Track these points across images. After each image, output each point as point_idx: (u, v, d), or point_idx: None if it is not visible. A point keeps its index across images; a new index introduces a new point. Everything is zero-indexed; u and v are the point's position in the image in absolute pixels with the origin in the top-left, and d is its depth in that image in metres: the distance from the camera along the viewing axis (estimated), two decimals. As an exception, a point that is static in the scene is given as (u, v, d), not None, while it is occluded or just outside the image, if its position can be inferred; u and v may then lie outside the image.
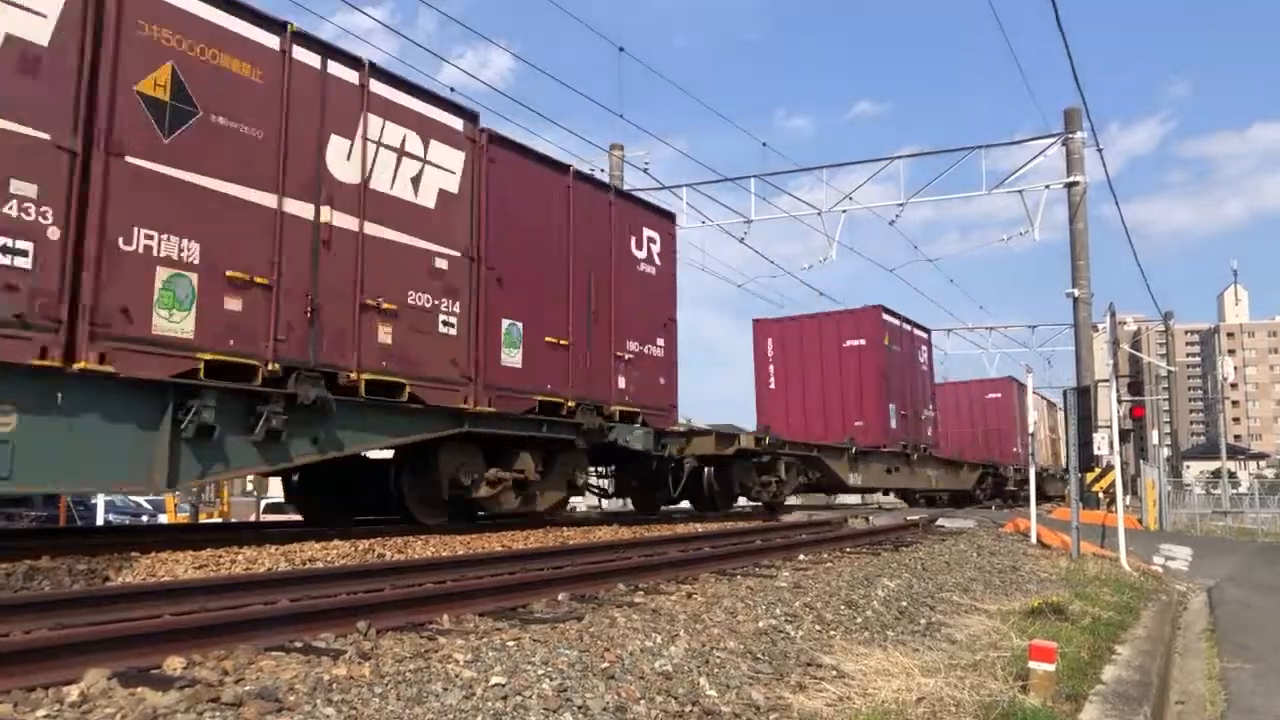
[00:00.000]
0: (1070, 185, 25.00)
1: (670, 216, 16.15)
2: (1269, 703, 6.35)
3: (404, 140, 10.75)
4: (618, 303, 14.22)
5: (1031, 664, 5.02)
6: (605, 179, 28.18)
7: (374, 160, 10.33)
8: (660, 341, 15.10)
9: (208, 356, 8.53)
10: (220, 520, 23.15)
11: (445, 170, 11.28)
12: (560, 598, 6.75)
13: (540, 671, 4.32)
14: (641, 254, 15.02)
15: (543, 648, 4.86)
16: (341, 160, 10.00)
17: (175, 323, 8.27)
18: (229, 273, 8.78)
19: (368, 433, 10.26)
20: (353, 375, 9.87)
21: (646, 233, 15.16)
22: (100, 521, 22.77)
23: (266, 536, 10.23)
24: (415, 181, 10.85)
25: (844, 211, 27.86)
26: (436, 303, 10.99)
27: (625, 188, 28.60)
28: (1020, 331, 48.87)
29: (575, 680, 4.22)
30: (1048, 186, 25.77)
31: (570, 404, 12.99)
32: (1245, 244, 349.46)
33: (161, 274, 8.21)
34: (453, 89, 21.43)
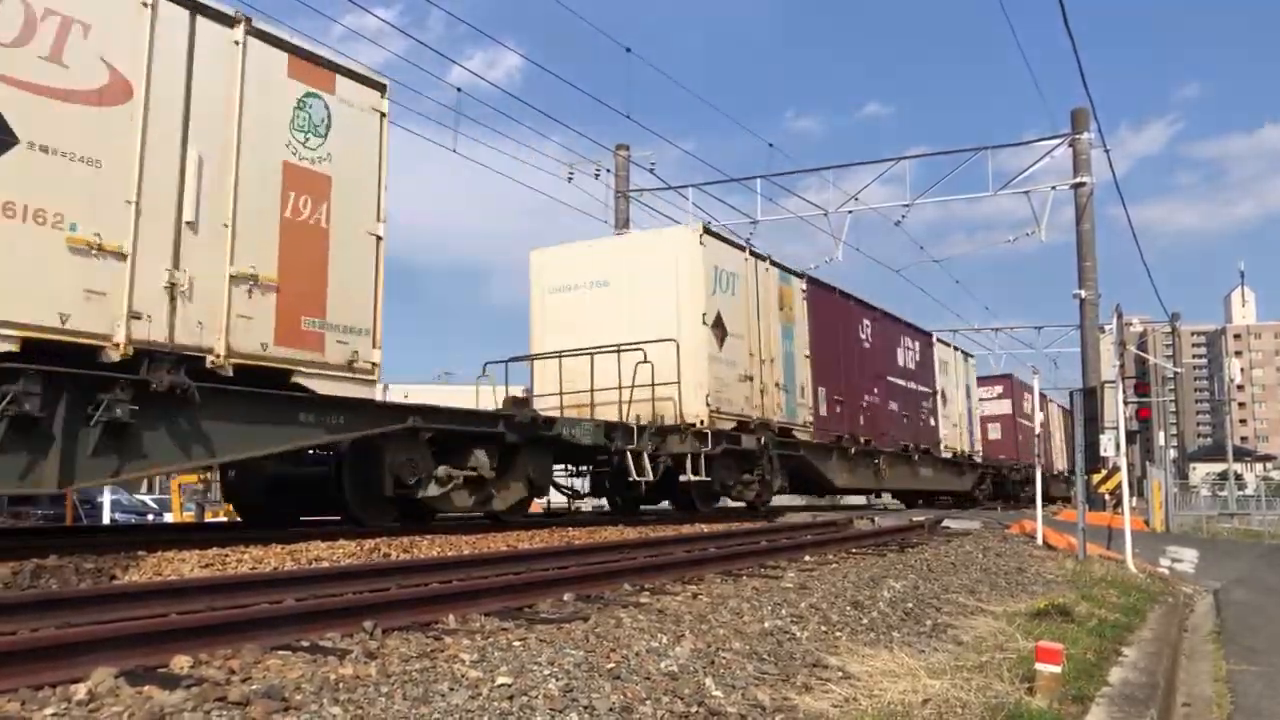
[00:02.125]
0: (1077, 186, 24.95)
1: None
2: (1276, 706, 6.34)
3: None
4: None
5: (1037, 666, 5.02)
6: (610, 179, 28.31)
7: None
8: None
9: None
10: (226, 519, 23.19)
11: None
12: (566, 598, 6.75)
13: (546, 672, 4.32)
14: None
15: (549, 648, 4.86)
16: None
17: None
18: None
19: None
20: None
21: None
22: (106, 520, 22.81)
23: (272, 536, 10.25)
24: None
25: (850, 212, 27.85)
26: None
27: (631, 188, 28.64)
28: (1026, 332, 48.74)
29: (581, 680, 4.23)
30: (1054, 187, 25.72)
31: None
32: (1253, 246, 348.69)
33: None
34: (460, 89, 21.43)
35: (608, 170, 28.18)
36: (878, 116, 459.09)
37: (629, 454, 14.09)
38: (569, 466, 16.46)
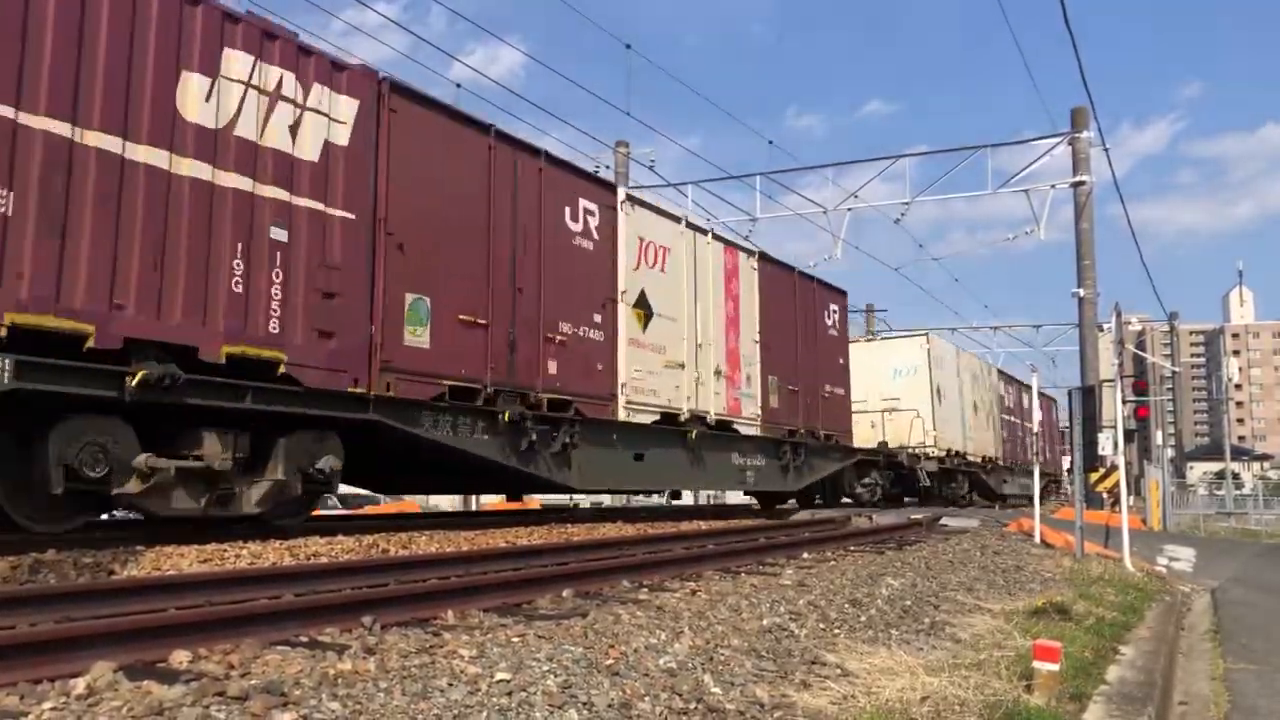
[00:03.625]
0: (1076, 185, 24.96)
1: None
2: (1272, 704, 6.34)
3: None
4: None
5: (1036, 664, 5.03)
6: (610, 176, 28.30)
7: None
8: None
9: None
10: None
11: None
12: (565, 594, 6.75)
13: (545, 668, 4.32)
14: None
15: (547, 644, 4.86)
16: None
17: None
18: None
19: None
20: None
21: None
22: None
23: (270, 531, 10.24)
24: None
25: (849, 210, 27.85)
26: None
27: (631, 185, 28.63)
28: (1025, 331, 48.67)
29: (580, 677, 4.23)
30: (1054, 186, 25.73)
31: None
32: (1252, 245, 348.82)
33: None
34: (459, 85, 21.42)
35: (607, 167, 28.16)
36: (880, 115, 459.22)
37: None
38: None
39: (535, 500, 26.48)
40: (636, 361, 14.55)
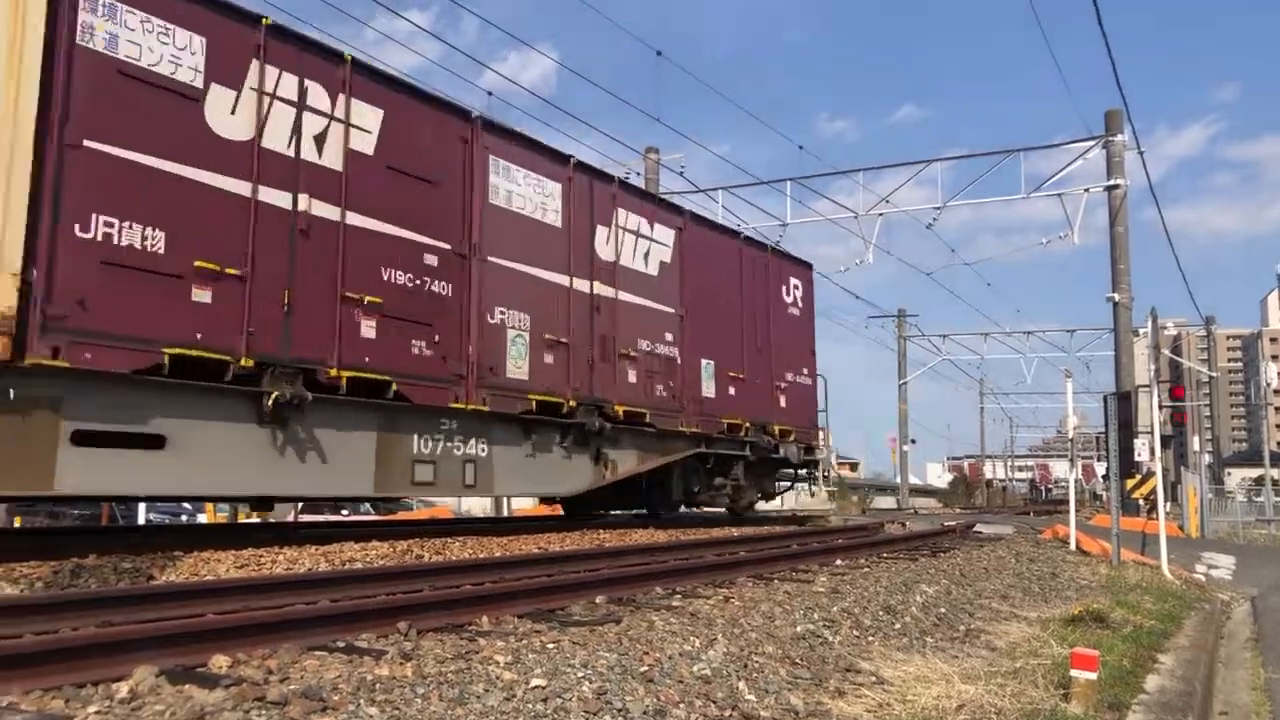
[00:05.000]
0: (1111, 188, 24.72)
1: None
2: (1316, 715, 6.25)
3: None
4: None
5: (1073, 672, 4.98)
6: (641, 182, 28.35)
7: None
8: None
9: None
10: (259, 520, 23.35)
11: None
12: (598, 600, 6.76)
13: (580, 674, 4.34)
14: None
15: (582, 650, 4.88)
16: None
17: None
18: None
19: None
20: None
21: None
22: (141, 521, 23.05)
23: (305, 537, 10.33)
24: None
25: (881, 215, 27.73)
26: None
27: (661, 191, 28.71)
28: (1059, 336, 48.23)
29: (615, 683, 4.24)
30: (1087, 190, 25.50)
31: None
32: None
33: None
34: (490, 93, 21.53)
35: (637, 173, 28.22)
36: (912, 119, 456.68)
37: None
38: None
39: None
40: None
